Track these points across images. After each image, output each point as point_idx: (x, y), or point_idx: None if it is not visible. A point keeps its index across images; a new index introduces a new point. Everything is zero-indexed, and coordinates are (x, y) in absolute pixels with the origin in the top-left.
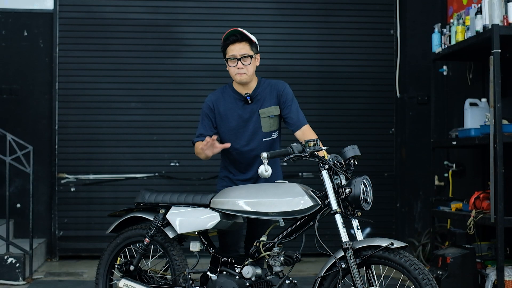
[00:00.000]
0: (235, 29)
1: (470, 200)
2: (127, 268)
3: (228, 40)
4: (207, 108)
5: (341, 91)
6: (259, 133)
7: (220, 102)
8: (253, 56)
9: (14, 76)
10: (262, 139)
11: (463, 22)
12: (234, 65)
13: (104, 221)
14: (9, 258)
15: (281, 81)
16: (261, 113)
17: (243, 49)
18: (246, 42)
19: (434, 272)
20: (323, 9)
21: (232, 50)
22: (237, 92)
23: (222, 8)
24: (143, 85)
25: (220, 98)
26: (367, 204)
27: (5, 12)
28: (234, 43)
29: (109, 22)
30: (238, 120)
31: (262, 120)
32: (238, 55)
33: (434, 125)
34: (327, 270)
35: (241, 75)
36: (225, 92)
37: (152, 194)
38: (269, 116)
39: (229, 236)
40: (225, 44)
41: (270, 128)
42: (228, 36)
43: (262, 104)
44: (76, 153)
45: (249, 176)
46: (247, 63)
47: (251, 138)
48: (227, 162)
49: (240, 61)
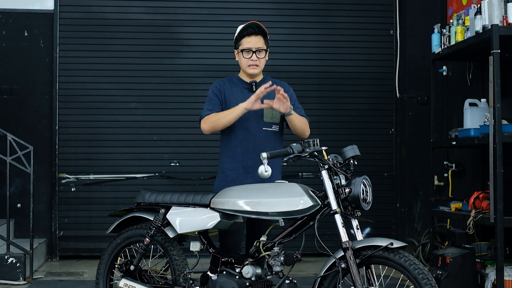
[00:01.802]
0: (254, 22)
1: (470, 200)
2: (127, 268)
3: (245, 31)
4: (215, 89)
5: (341, 91)
6: (260, 121)
7: (227, 87)
8: (267, 51)
9: (15, 76)
10: (262, 128)
11: (463, 22)
12: (248, 57)
13: (104, 221)
14: (10, 258)
15: (284, 82)
16: (265, 102)
17: (259, 43)
18: (261, 36)
19: (434, 272)
20: (323, 9)
21: (248, 42)
22: (243, 81)
23: (222, 8)
24: (143, 85)
25: (226, 83)
26: (366, 204)
27: (5, 12)
28: (251, 35)
29: (109, 22)
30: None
31: (265, 110)
32: (254, 48)
33: (433, 125)
34: (327, 270)
35: (254, 68)
36: (231, 80)
37: (152, 194)
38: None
39: (230, 237)
40: (241, 35)
41: (271, 119)
42: (246, 27)
43: (267, 95)
44: (76, 153)
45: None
46: (261, 56)
47: (251, 125)
48: (236, 143)
49: (255, 53)
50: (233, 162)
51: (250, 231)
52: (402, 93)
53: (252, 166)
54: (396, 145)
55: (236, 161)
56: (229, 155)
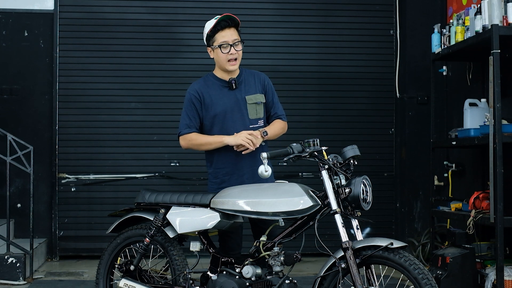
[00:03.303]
0: (226, 14)
1: (470, 200)
2: (127, 268)
3: (218, 25)
4: (192, 97)
5: (341, 91)
6: (246, 120)
7: (205, 90)
8: (243, 42)
9: (15, 76)
10: (249, 126)
11: (463, 22)
12: (227, 52)
13: (104, 221)
14: (10, 258)
15: (262, 72)
16: (248, 99)
17: (234, 35)
18: (235, 28)
19: (434, 272)
20: (323, 9)
21: (223, 36)
22: (221, 79)
23: (222, 9)
24: (143, 85)
25: (204, 86)
26: (366, 204)
27: (5, 12)
28: (224, 29)
29: (109, 22)
30: (223, 107)
31: (249, 107)
32: (231, 41)
33: (433, 125)
34: (327, 270)
35: (233, 62)
36: (207, 80)
37: (152, 194)
38: (256, 102)
39: (229, 238)
40: (214, 31)
41: (256, 115)
42: (219, 21)
43: (247, 90)
44: (76, 153)
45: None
46: (239, 49)
47: (237, 125)
48: (215, 159)
49: (232, 47)
50: (228, 166)
51: (255, 231)
52: (402, 93)
53: (248, 166)
54: (396, 145)
55: (230, 165)
56: (222, 160)
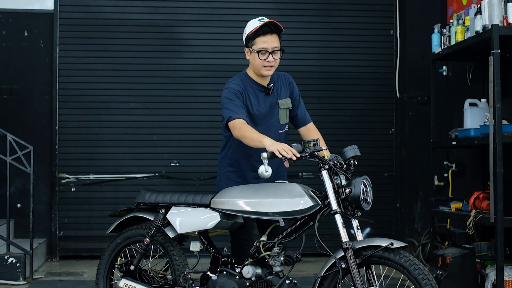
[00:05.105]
0: (270, 21)
1: (470, 200)
2: (127, 268)
3: (260, 30)
4: (237, 91)
5: (341, 91)
6: (277, 125)
7: (245, 90)
8: (283, 50)
9: (15, 76)
10: (279, 131)
11: (463, 22)
12: (264, 58)
13: (104, 221)
14: (10, 258)
15: (286, 73)
16: (280, 104)
17: (275, 42)
18: (277, 35)
19: (434, 272)
20: (323, 9)
21: (263, 42)
22: (257, 83)
23: (222, 8)
24: (143, 85)
25: (245, 84)
26: (367, 204)
27: (5, 12)
28: (266, 35)
29: (109, 22)
30: (259, 112)
31: (281, 112)
32: (270, 49)
33: (434, 125)
34: (327, 270)
35: (269, 69)
36: (244, 81)
37: (152, 194)
38: (287, 107)
39: (242, 240)
40: (256, 34)
41: (285, 120)
42: (262, 26)
43: (279, 95)
44: (76, 153)
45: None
46: (277, 57)
47: (270, 130)
48: (240, 156)
49: (271, 54)
50: (249, 164)
51: (260, 230)
52: (402, 93)
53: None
54: (396, 145)
55: (252, 163)
56: (244, 156)
